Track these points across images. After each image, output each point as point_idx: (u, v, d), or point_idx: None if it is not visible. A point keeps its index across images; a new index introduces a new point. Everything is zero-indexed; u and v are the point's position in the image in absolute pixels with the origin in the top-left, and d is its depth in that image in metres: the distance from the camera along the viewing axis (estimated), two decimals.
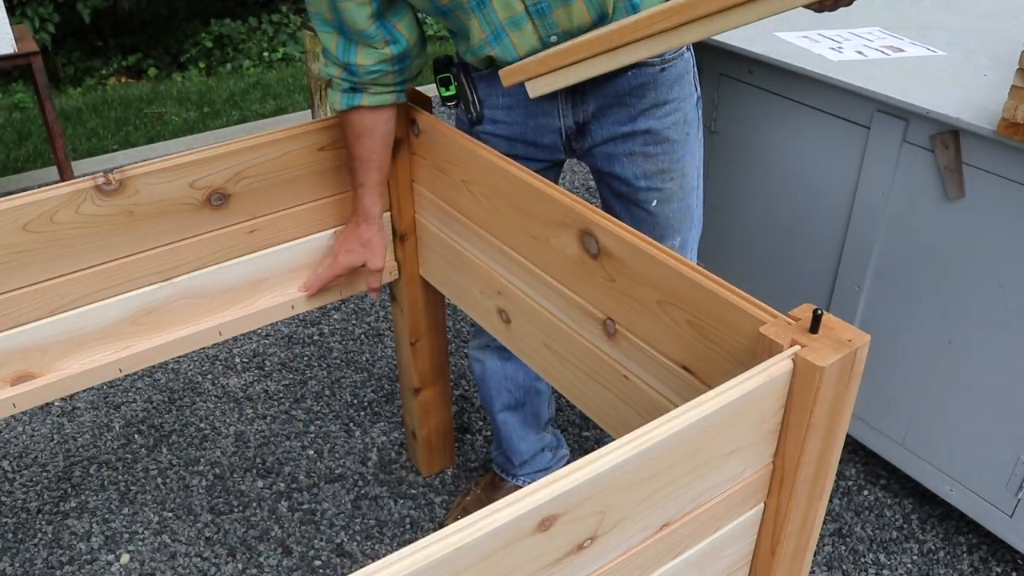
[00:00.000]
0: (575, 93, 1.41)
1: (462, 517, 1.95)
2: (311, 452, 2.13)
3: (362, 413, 2.25)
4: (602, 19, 1.29)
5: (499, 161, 1.32)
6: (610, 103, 1.41)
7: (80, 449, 2.14)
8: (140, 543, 1.89)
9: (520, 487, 1.90)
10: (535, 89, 1.28)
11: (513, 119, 1.46)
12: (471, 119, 1.47)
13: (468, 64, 1.43)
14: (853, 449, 2.08)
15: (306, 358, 2.46)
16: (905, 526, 1.92)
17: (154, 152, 3.80)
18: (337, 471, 2.07)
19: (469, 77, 1.45)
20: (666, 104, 1.44)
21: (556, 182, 1.52)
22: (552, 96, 1.41)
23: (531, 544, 0.75)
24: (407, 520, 1.94)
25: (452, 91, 1.45)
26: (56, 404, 2.28)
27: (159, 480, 2.05)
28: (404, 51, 1.39)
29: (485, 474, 2.04)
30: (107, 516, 1.95)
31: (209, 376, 2.39)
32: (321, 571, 1.82)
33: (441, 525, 1.97)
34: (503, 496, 2.31)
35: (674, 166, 1.49)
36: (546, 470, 1.91)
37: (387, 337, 2.53)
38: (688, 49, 1.46)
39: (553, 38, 1.30)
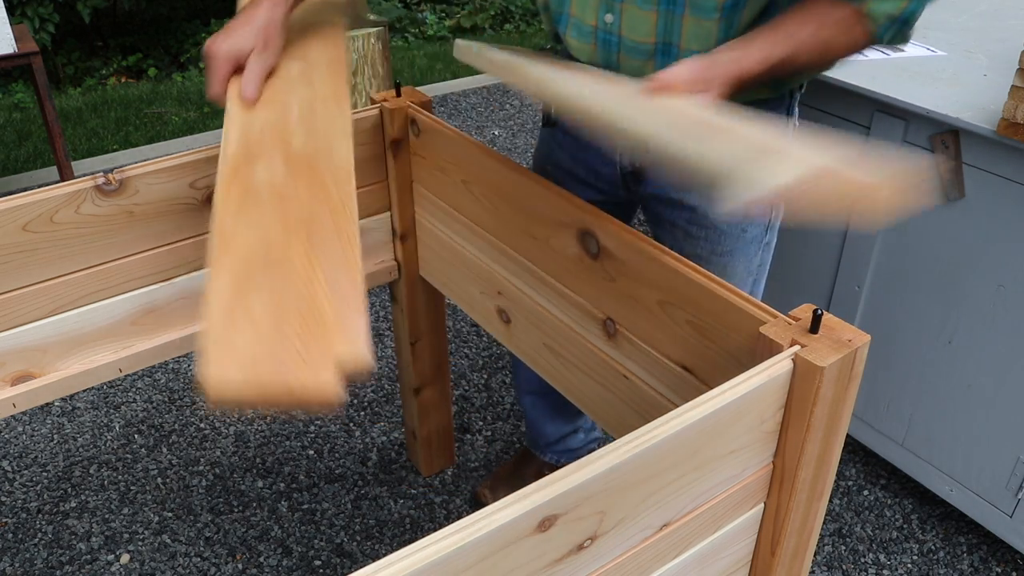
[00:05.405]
0: None
1: (494, 484, 1.96)
2: (311, 452, 2.13)
3: (362, 413, 2.25)
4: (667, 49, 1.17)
5: (499, 161, 1.32)
6: None
7: (80, 449, 2.14)
8: (140, 543, 1.89)
9: (549, 463, 1.94)
10: (459, 50, 1.17)
11: (577, 135, 1.36)
12: (546, 117, 1.40)
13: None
14: (853, 449, 2.08)
15: None
16: (905, 526, 1.92)
17: (154, 152, 3.80)
18: (337, 471, 2.07)
19: None
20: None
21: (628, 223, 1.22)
22: None
23: (531, 544, 0.75)
24: (407, 520, 1.94)
25: None
26: (56, 404, 2.28)
27: (159, 480, 2.05)
28: None
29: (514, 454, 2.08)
30: (107, 516, 1.95)
31: None
32: (321, 571, 1.82)
33: (474, 493, 1.99)
34: (532, 470, 2.23)
35: (714, 258, 1.32)
36: (575, 451, 1.93)
37: (387, 337, 2.53)
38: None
39: (609, 16, 1.17)
